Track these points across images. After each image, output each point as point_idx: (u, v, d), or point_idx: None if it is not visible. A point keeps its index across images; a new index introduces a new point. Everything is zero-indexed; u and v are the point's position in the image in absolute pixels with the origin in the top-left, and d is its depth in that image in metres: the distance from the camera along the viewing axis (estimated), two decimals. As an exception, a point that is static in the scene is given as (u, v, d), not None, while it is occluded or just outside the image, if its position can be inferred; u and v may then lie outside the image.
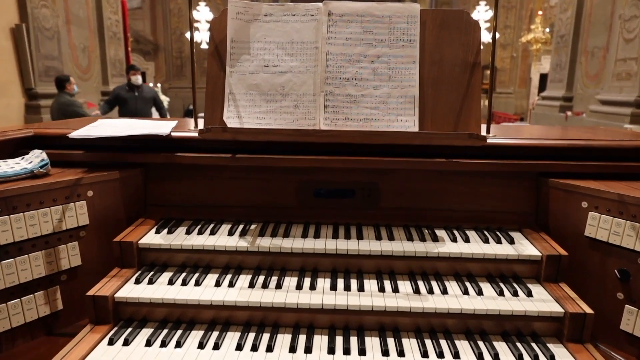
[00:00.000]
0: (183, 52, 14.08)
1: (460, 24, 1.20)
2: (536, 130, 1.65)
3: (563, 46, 8.28)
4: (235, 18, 1.20)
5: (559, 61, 8.43)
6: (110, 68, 8.24)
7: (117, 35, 8.46)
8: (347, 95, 1.18)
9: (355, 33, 1.19)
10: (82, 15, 7.49)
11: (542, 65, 13.79)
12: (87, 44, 7.61)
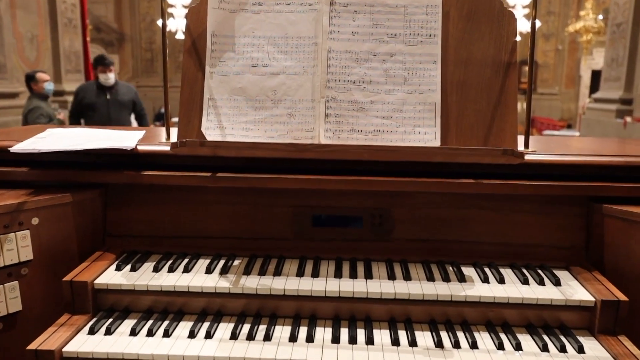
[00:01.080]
0: (154, 42, 14.25)
1: (492, 14, 1.23)
2: (586, 143, 1.67)
3: (620, 37, 8.38)
4: (217, 7, 1.23)
5: (615, 55, 8.52)
6: (64, 62, 8.34)
7: (72, 22, 8.58)
8: (353, 102, 1.20)
9: (363, 26, 1.22)
10: (31, -2, 7.63)
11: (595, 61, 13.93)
12: (35, 32, 7.71)
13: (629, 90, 8.16)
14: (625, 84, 8.18)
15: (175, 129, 1.44)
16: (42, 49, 7.88)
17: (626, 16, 8.28)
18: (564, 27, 13.73)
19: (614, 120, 8.12)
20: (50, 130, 1.46)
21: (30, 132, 1.49)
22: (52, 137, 1.36)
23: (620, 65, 8.37)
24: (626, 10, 8.26)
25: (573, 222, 1.28)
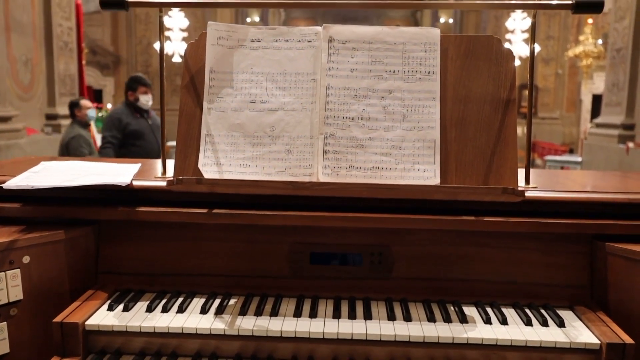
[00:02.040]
0: (150, 65, 14.40)
1: (490, 52, 1.25)
2: (588, 178, 1.68)
3: (620, 62, 8.50)
4: (215, 44, 1.25)
5: (615, 80, 8.62)
6: (59, 85, 8.40)
7: (68, 45, 8.68)
8: (351, 139, 1.22)
9: (361, 63, 1.24)
10: (26, 21, 7.71)
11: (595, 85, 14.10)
12: (30, 55, 7.79)
13: (631, 115, 8.24)
14: (627, 109, 8.26)
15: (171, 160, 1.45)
16: (36, 72, 7.94)
17: (626, 41, 8.41)
18: (563, 51, 13.94)
19: (616, 145, 8.18)
20: (44, 163, 1.47)
21: (23, 166, 1.49)
22: (46, 172, 1.36)
23: (621, 90, 8.47)
24: (625, 36, 8.39)
25: (576, 261, 1.29)
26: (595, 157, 8.85)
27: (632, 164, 7.70)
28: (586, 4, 1.08)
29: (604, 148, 8.56)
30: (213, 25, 1.25)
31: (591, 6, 1.09)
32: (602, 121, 8.85)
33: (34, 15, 7.94)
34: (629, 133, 8.13)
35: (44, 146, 7.62)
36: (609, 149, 8.41)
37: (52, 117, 8.21)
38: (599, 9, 1.08)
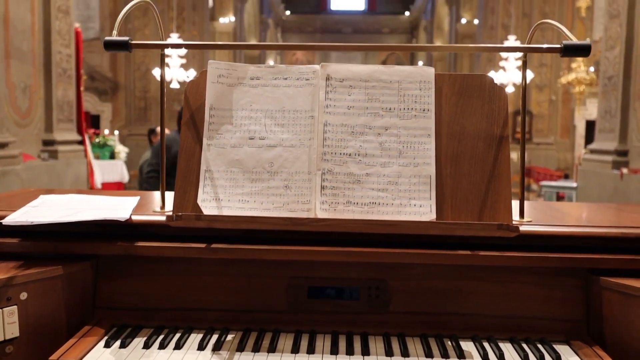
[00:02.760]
0: (148, 91, 14.52)
1: (483, 90, 1.28)
2: (583, 210, 1.70)
3: (612, 89, 8.63)
4: (216, 82, 1.28)
5: (608, 107, 8.74)
6: (57, 112, 8.45)
7: (67, 72, 8.75)
8: (348, 174, 1.24)
9: (358, 100, 1.27)
10: (26, 49, 7.80)
11: (588, 111, 14.28)
12: (29, 82, 7.85)
13: (624, 141, 8.33)
14: (620, 135, 8.36)
15: (170, 192, 1.47)
16: (34, 99, 7.99)
17: (617, 69, 8.56)
18: (556, 78, 14.16)
19: (611, 171, 8.25)
20: (42, 197, 1.48)
21: (20, 199, 1.51)
22: (45, 206, 1.37)
23: (613, 117, 8.58)
24: (616, 64, 8.54)
25: (572, 295, 1.29)
26: (590, 182, 8.91)
27: (627, 189, 7.76)
28: (574, 48, 1.12)
29: (598, 174, 8.62)
30: (214, 64, 1.28)
31: (579, 50, 1.13)
32: (595, 147, 8.94)
33: (34, 43, 8.03)
34: (623, 159, 8.21)
35: (40, 172, 7.63)
36: (603, 174, 8.47)
37: (49, 143, 8.23)
38: (587, 52, 1.12)
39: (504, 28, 15.31)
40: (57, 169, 8.10)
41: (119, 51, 1.12)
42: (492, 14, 15.67)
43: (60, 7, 8.41)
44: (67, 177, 8.29)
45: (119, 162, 9.52)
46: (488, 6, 15.74)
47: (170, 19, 14.47)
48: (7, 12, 7.27)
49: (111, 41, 1.11)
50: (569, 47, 1.12)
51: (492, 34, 15.66)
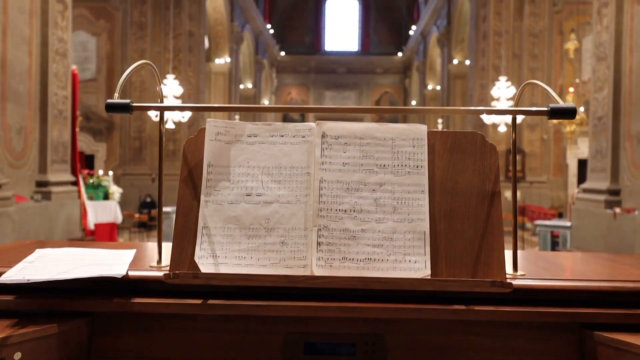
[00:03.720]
0: (143, 131, 14.64)
1: (475, 147, 1.33)
2: (577, 262, 1.73)
3: (602, 130, 8.79)
4: (214, 139, 1.32)
5: (598, 147, 8.89)
6: (51, 152, 8.49)
7: (63, 113, 8.84)
8: (344, 230, 1.26)
9: (353, 157, 1.30)
10: (23, 91, 7.89)
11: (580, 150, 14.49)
12: (24, 124, 7.91)
13: (616, 181, 8.43)
14: (611, 175, 8.47)
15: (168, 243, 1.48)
16: (29, 140, 8.04)
17: (606, 110, 8.73)
18: (547, 117, 14.41)
19: (604, 210, 8.31)
20: (39, 251, 1.48)
21: (16, 252, 1.51)
22: (41, 261, 1.38)
23: (604, 157, 8.70)
24: (605, 105, 8.73)
25: (568, 349, 1.30)
26: (584, 221, 8.97)
27: (620, 229, 7.81)
28: (560, 111, 1.17)
29: (591, 213, 8.69)
30: (212, 122, 1.32)
31: (565, 113, 1.18)
32: (588, 186, 9.03)
33: (31, 85, 8.13)
34: (615, 198, 8.30)
35: (33, 214, 7.60)
36: (596, 214, 8.54)
37: (42, 184, 8.24)
38: (572, 115, 1.17)
39: (494, 69, 15.68)
40: (49, 210, 8.07)
41: (121, 113, 1.16)
42: (482, 55, 16.07)
43: (58, 50, 8.56)
44: (59, 218, 8.27)
45: (112, 203, 9.51)
46: (479, 48, 16.15)
47: (166, 61, 14.74)
48: (5, 55, 7.39)
49: (113, 104, 1.15)
50: (555, 110, 1.17)
51: (483, 74, 16.02)
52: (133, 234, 12.66)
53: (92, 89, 14.75)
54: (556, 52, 15.69)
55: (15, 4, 7.49)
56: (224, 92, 20.10)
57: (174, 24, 15.16)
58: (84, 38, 14.91)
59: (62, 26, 8.56)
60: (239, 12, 21.76)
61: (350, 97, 34.62)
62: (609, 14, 8.60)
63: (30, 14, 7.88)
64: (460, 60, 20.61)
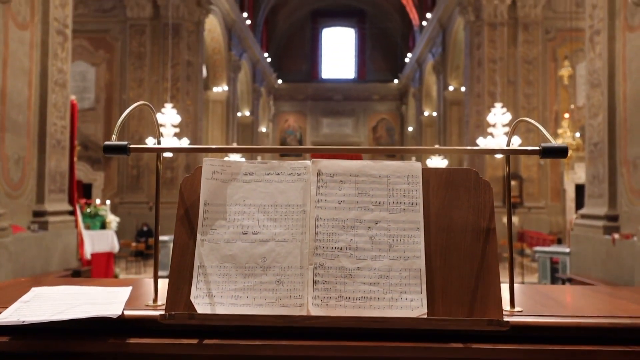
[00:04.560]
0: (141, 159, 14.69)
1: (469, 183, 1.34)
2: (575, 296, 1.72)
3: (598, 155, 8.84)
4: (210, 178, 1.33)
5: (595, 173, 8.93)
6: (49, 182, 8.49)
7: (61, 143, 8.87)
8: (340, 269, 1.26)
9: (348, 195, 1.32)
10: (22, 121, 7.94)
11: (577, 175, 14.55)
12: (23, 154, 7.94)
13: (613, 207, 8.44)
14: (609, 200, 8.48)
15: (163, 280, 1.48)
16: (27, 170, 8.05)
17: (601, 136, 8.79)
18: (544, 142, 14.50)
19: (603, 236, 8.30)
20: (34, 290, 1.48)
21: (11, 291, 1.51)
22: (37, 301, 1.38)
23: (601, 183, 8.73)
24: (601, 131, 8.79)
25: (566, 387, 1.29)
26: (583, 248, 8.95)
27: (620, 255, 7.79)
28: (552, 150, 1.19)
29: (590, 239, 8.68)
30: (208, 161, 1.34)
31: (557, 152, 1.20)
32: (586, 212, 9.04)
33: (30, 115, 8.18)
34: (614, 224, 8.29)
35: (29, 244, 7.57)
36: (595, 239, 8.53)
37: (39, 214, 8.22)
38: (564, 154, 1.19)
39: (490, 95, 15.85)
40: (46, 241, 8.03)
41: (118, 155, 1.17)
42: (478, 82, 16.26)
43: (57, 80, 8.65)
44: (56, 248, 8.22)
45: (109, 232, 9.47)
46: (474, 75, 16.36)
47: (164, 90, 14.88)
48: (5, 86, 7.46)
49: (110, 146, 1.16)
50: (547, 149, 1.18)
51: (479, 101, 16.18)
52: (130, 263, 12.58)
53: (91, 118, 14.85)
54: (551, 79, 15.90)
55: (16, 36, 7.60)
56: (221, 120, 20.24)
57: (172, 54, 15.36)
58: (83, 68, 15.08)
59: (62, 57, 8.67)
60: (236, 42, 22.08)
61: (347, 123, 34.91)
62: (601, 42, 8.74)
63: (31, 45, 7.99)
64: (456, 86, 20.85)
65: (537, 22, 16.11)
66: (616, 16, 8.47)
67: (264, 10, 28.91)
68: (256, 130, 27.51)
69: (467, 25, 16.97)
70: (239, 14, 21.95)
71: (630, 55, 8.14)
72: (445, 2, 19.85)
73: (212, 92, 20.14)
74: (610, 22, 8.57)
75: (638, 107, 7.84)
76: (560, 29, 15.86)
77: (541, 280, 9.98)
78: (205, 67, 18.97)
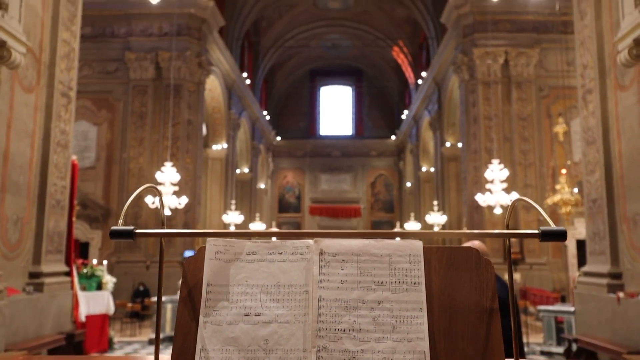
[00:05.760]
0: (139, 217, 14.67)
1: (470, 263, 1.35)
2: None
3: (597, 212, 8.85)
4: (213, 258, 1.34)
5: (595, 229, 8.90)
6: (46, 243, 8.44)
7: (60, 203, 8.88)
8: (343, 351, 1.25)
9: (351, 275, 1.32)
10: (22, 182, 7.98)
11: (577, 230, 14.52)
12: (22, 214, 7.93)
13: (616, 264, 8.36)
14: (611, 257, 8.41)
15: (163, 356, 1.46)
16: (25, 231, 8.02)
17: (600, 192, 8.83)
18: (542, 198, 14.57)
19: (607, 295, 8.19)
20: None
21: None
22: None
23: (602, 239, 8.69)
24: (599, 187, 8.84)
25: None
26: (588, 306, 8.81)
27: (626, 314, 7.66)
28: (551, 234, 1.21)
29: (595, 297, 8.55)
30: (212, 241, 1.36)
31: (556, 235, 1.22)
32: (589, 270, 8.95)
33: (31, 176, 8.22)
34: (617, 282, 8.19)
35: (23, 307, 7.45)
36: (600, 298, 8.40)
37: (35, 276, 8.12)
38: (563, 238, 1.21)
39: (487, 151, 16.04)
40: (41, 303, 7.91)
41: (125, 239, 1.19)
42: (474, 138, 16.50)
43: (60, 141, 8.77)
44: (50, 311, 8.08)
45: (105, 293, 9.34)
46: (470, 132, 16.63)
47: (165, 148, 15.07)
48: (8, 148, 7.55)
49: (117, 231, 1.18)
50: (546, 233, 1.21)
51: (476, 157, 16.36)
52: (125, 324, 12.32)
53: (91, 176, 14.96)
54: (546, 135, 16.16)
55: (21, 99, 7.77)
56: (220, 177, 20.39)
57: (173, 113, 15.66)
58: (85, 127, 15.34)
59: (65, 119, 8.83)
60: (236, 100, 22.57)
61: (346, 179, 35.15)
62: (593, 100, 8.94)
63: (35, 108, 8.16)
64: (453, 143, 21.15)
65: (530, 80, 16.55)
66: (607, 75, 8.71)
67: (263, 70, 29.74)
68: (255, 187, 27.66)
69: (462, 83, 17.42)
70: (239, 74, 22.56)
71: (623, 113, 8.31)
72: (440, 61, 20.46)
73: (212, 149, 20.39)
74: (601, 81, 8.79)
75: (634, 165, 7.93)
76: (553, 86, 16.26)
77: (547, 340, 9.76)
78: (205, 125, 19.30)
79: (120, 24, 16.25)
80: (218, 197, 19.98)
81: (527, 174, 15.47)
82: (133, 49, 16.06)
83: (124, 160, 15.17)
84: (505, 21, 16.78)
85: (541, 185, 15.43)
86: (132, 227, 1.19)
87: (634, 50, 6.94)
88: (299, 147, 34.99)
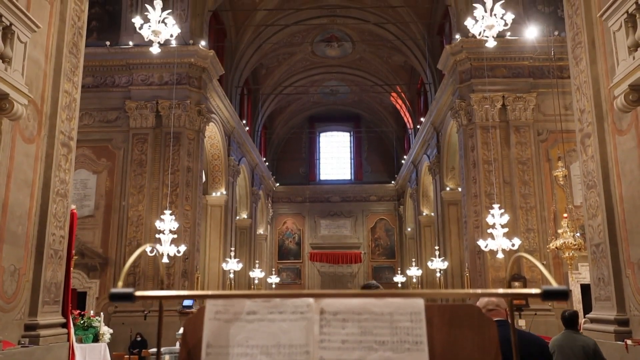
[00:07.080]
0: (138, 266, 14.54)
1: (472, 320, 1.35)
2: None
3: (601, 257, 8.77)
4: (213, 318, 1.34)
5: (600, 275, 8.80)
6: (43, 294, 8.33)
7: (58, 253, 8.82)
8: (346, 414, 1.23)
9: (352, 334, 1.32)
10: (21, 232, 7.94)
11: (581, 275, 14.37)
12: (19, 265, 7.86)
13: (622, 310, 8.22)
14: (617, 303, 8.27)
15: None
16: (21, 282, 7.93)
17: (602, 237, 8.76)
18: (545, 243, 14.49)
19: (615, 342, 8.02)
20: None
21: None
22: None
23: (607, 285, 8.58)
24: (601, 232, 8.78)
25: None
26: (596, 354, 8.61)
27: (635, 364, 7.48)
28: (553, 293, 1.22)
29: (602, 344, 8.35)
30: (211, 301, 1.36)
31: (557, 294, 1.22)
32: (595, 316, 8.81)
33: (29, 226, 8.18)
34: (625, 329, 8.04)
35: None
36: (608, 345, 8.22)
37: (31, 328, 7.97)
38: (565, 297, 1.21)
39: (487, 195, 16.05)
40: (36, 356, 7.73)
41: (125, 302, 1.20)
42: (474, 183, 16.55)
43: (59, 191, 8.79)
44: (45, 364, 7.89)
45: (102, 345, 9.15)
46: (470, 176, 16.70)
47: (164, 196, 15.10)
48: (7, 198, 7.56)
49: (117, 294, 1.19)
50: (548, 292, 1.21)
51: (476, 201, 16.36)
52: (121, 378, 12.00)
53: (89, 225, 14.92)
54: (546, 178, 16.21)
55: (22, 149, 7.84)
56: (220, 224, 20.34)
57: (172, 160, 15.78)
58: (85, 176, 15.42)
59: (65, 168, 8.89)
60: (235, 147, 22.79)
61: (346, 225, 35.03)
62: (592, 144, 9.00)
63: (36, 158, 8.22)
64: (453, 187, 21.20)
65: (528, 125, 16.74)
66: (604, 119, 8.79)
67: (262, 116, 30.16)
68: (254, 234, 27.54)
69: (460, 128, 17.61)
70: (238, 121, 22.86)
71: (622, 157, 8.36)
72: (437, 106, 20.78)
73: (211, 196, 20.43)
74: (599, 125, 8.87)
75: (635, 209, 7.92)
76: (551, 130, 16.42)
77: (556, 390, 9.49)
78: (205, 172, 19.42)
79: (122, 74, 16.60)
80: (217, 244, 19.87)
81: (528, 218, 15.43)
82: (134, 97, 16.34)
83: (123, 208, 15.16)
84: (502, 67, 17.13)
85: (543, 229, 15.37)
86: (131, 290, 1.20)
87: (630, 95, 7.06)
88: (298, 193, 35.06)
